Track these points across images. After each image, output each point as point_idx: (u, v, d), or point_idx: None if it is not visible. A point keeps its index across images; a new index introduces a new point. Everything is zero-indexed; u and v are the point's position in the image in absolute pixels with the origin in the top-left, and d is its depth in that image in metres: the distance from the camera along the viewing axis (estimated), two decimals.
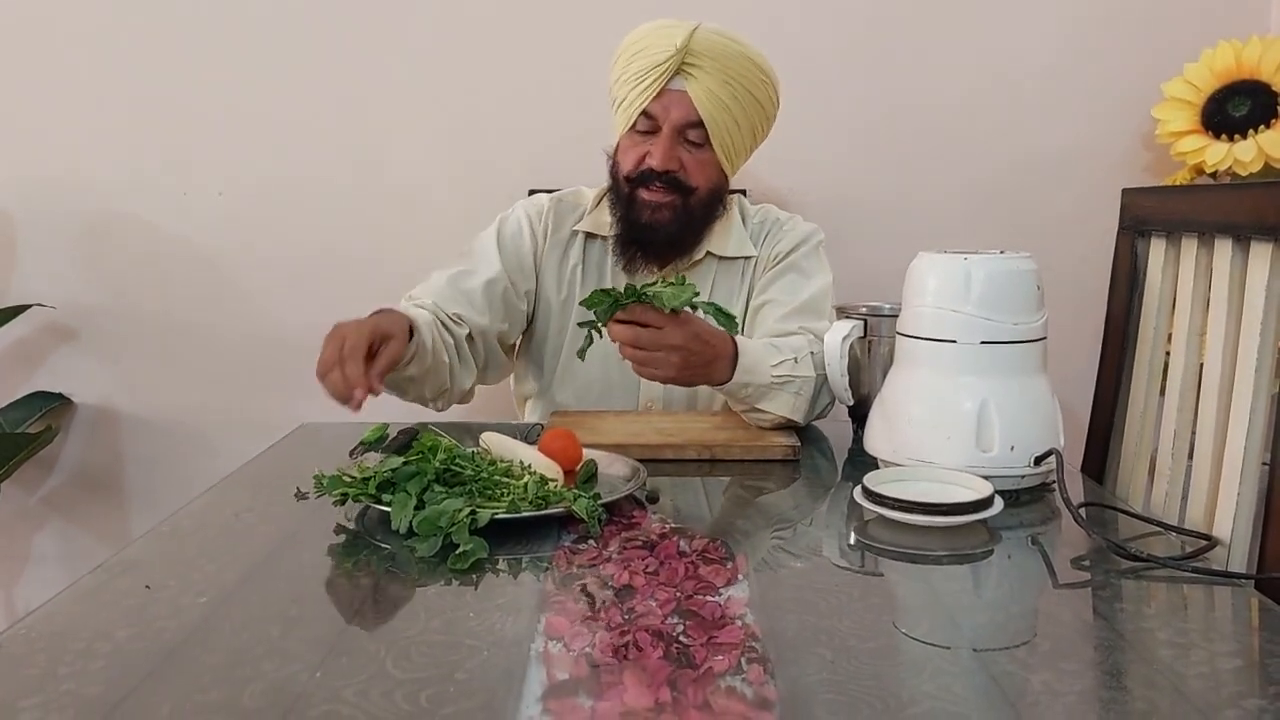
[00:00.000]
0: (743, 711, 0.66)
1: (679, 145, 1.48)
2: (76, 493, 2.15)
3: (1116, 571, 0.93)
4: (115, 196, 2.04)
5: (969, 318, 1.15)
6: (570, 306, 1.60)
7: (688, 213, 1.51)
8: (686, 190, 1.50)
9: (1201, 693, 0.70)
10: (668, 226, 1.50)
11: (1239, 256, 1.20)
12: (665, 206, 1.49)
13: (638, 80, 1.46)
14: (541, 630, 0.79)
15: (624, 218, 1.53)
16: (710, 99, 1.45)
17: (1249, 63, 1.79)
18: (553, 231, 1.61)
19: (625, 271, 1.57)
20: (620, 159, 1.53)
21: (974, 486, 1.06)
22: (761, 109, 1.51)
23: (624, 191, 1.52)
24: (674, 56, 1.42)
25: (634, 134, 1.50)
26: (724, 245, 1.58)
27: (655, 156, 1.47)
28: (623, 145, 1.53)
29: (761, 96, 1.49)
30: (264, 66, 2.00)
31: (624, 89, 1.48)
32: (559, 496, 1.04)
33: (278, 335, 2.08)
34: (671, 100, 1.46)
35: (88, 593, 0.88)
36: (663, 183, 1.48)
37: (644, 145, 1.49)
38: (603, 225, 1.59)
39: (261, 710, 0.67)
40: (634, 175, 1.50)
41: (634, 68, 1.46)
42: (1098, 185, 1.93)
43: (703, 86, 1.44)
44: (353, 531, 1.03)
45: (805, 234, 1.62)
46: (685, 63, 1.43)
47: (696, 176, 1.50)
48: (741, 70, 1.46)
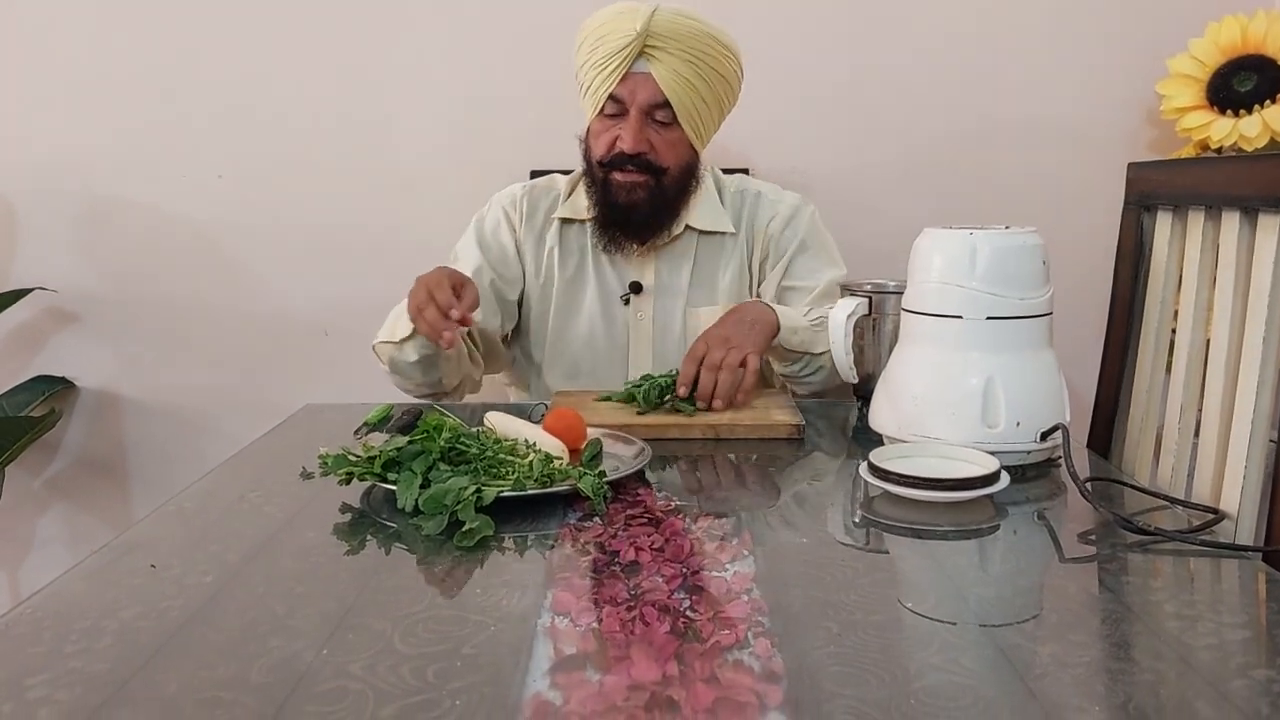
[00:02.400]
0: (750, 684, 0.66)
1: (648, 126, 1.51)
2: (80, 476, 2.15)
3: (1123, 545, 0.93)
4: (116, 180, 2.04)
5: (974, 293, 1.14)
6: (549, 290, 1.64)
7: (661, 191, 1.54)
8: (658, 170, 1.53)
9: (1209, 664, 0.69)
10: (643, 207, 1.53)
11: (1246, 230, 1.19)
12: (640, 187, 1.52)
13: (602, 65, 1.48)
14: (548, 606, 0.79)
15: (601, 201, 1.56)
16: (675, 79, 1.47)
17: (1254, 37, 1.78)
18: (528, 218, 1.65)
19: (606, 251, 1.61)
20: (592, 143, 1.56)
21: (980, 462, 1.06)
22: (726, 82, 1.53)
23: (598, 176, 1.55)
24: (635, 40, 1.44)
25: (603, 118, 1.52)
26: (702, 219, 1.62)
27: (625, 140, 1.50)
28: (593, 130, 1.56)
29: (725, 71, 1.51)
30: (264, 49, 1.99)
31: (589, 74, 1.50)
32: (564, 474, 1.04)
33: (280, 317, 2.08)
34: (637, 83, 1.48)
35: (93, 572, 0.88)
36: (635, 165, 1.51)
37: (614, 129, 1.52)
38: (580, 210, 1.62)
39: (269, 686, 0.67)
40: (606, 159, 1.53)
41: (597, 54, 1.48)
42: (1102, 161, 1.92)
43: (666, 67, 1.46)
44: (358, 510, 1.03)
45: (795, 206, 1.66)
46: (647, 45, 1.45)
47: (667, 156, 1.53)
48: (703, 47, 1.47)
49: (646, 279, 1.62)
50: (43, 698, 0.66)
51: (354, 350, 2.09)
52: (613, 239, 1.59)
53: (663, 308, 1.62)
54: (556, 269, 1.63)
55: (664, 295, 1.62)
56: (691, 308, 1.62)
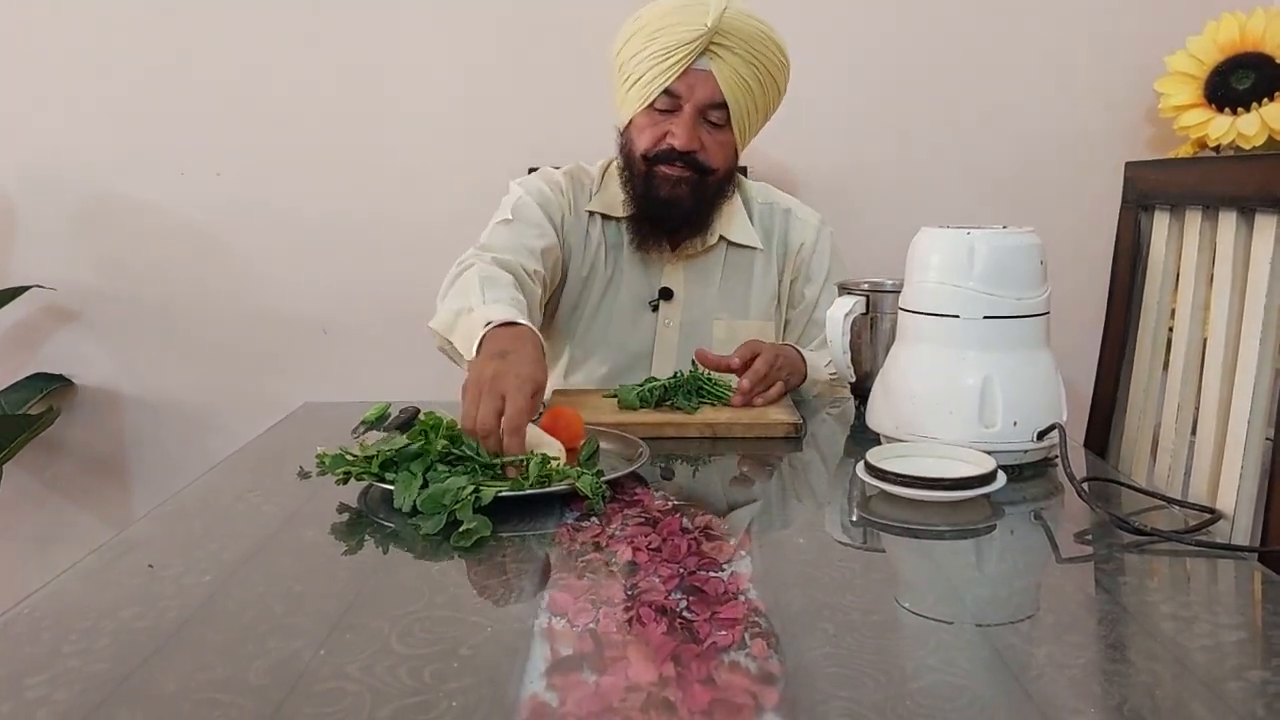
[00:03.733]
0: (746, 685, 0.66)
1: (699, 125, 1.47)
2: (79, 474, 2.15)
3: (1120, 545, 0.93)
4: (114, 177, 2.04)
5: (972, 293, 1.14)
6: (591, 284, 1.58)
7: (704, 190, 1.50)
8: (705, 170, 1.49)
9: (1205, 665, 0.70)
10: (685, 202, 1.49)
11: (1243, 229, 1.19)
12: (684, 182, 1.48)
13: (662, 57, 1.42)
14: (545, 606, 0.79)
15: (641, 195, 1.51)
16: (736, 81, 1.44)
17: (1253, 35, 1.78)
18: (573, 207, 1.59)
19: (640, 250, 1.57)
20: (635, 136, 1.50)
21: (977, 462, 1.06)
22: (778, 90, 1.51)
23: (640, 168, 1.50)
24: (704, 35, 1.40)
25: (652, 111, 1.47)
26: (735, 231, 1.59)
27: (678, 136, 1.45)
28: (638, 122, 1.50)
29: (780, 78, 1.49)
30: (262, 46, 1.99)
31: (643, 65, 1.44)
32: (562, 475, 1.04)
33: (279, 315, 2.08)
34: (696, 80, 1.44)
35: (92, 572, 0.89)
36: (683, 162, 1.47)
37: (664, 124, 1.47)
38: (614, 205, 1.57)
39: (266, 687, 0.67)
40: (652, 153, 1.48)
41: (657, 44, 1.42)
42: (1100, 160, 1.92)
43: (729, 67, 1.43)
44: (355, 510, 1.03)
45: (819, 227, 1.65)
46: (713, 42, 1.41)
47: (716, 158, 1.49)
48: (766, 53, 1.45)
49: (677, 287, 1.59)
50: (41, 697, 0.66)
51: (353, 347, 2.09)
52: (648, 236, 1.54)
53: (691, 317, 1.59)
54: (600, 265, 1.58)
55: (693, 305, 1.59)
56: (718, 320, 1.59)
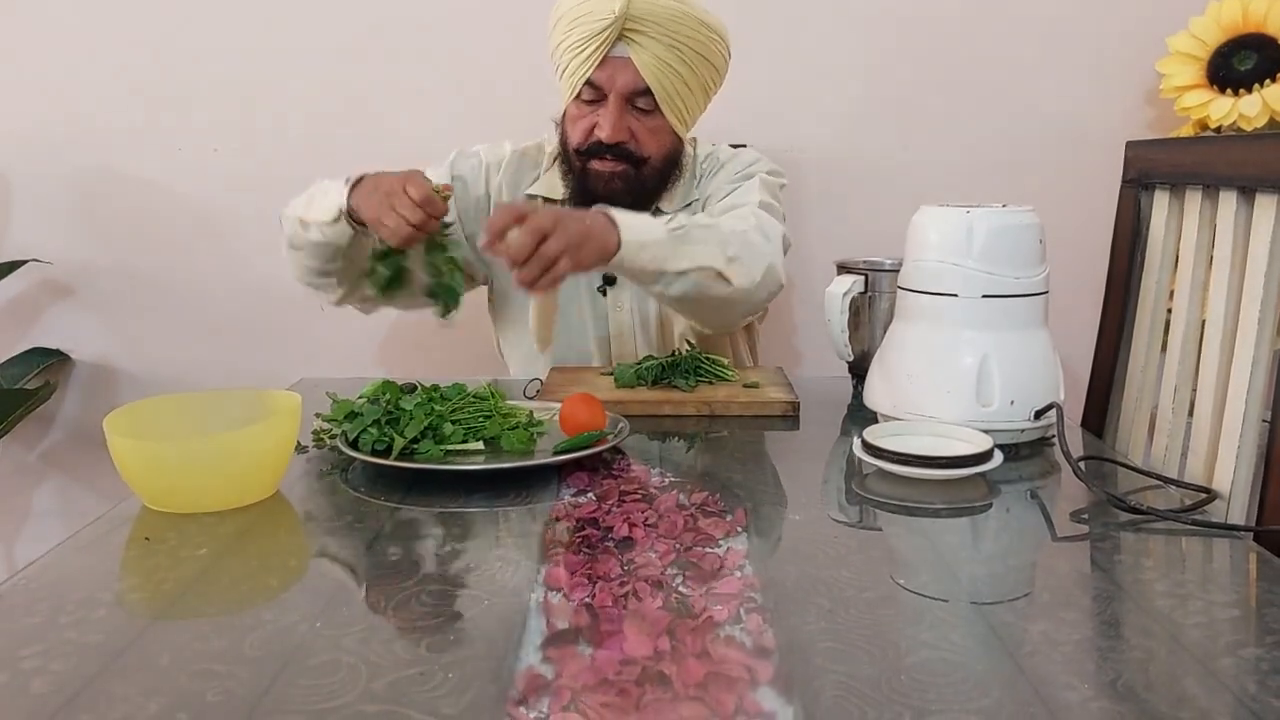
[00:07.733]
0: (741, 659, 0.66)
1: (628, 114, 1.42)
2: (75, 448, 2.15)
3: (1115, 524, 0.93)
4: (111, 152, 2.02)
5: (971, 271, 1.14)
6: None
7: (641, 182, 1.45)
8: (638, 160, 1.44)
9: (1199, 642, 0.70)
10: (621, 198, 1.40)
11: (1243, 209, 1.19)
12: (618, 177, 1.43)
13: (580, 48, 1.38)
14: (541, 581, 0.79)
15: (577, 190, 1.47)
16: (657, 65, 1.38)
17: (1255, 15, 1.77)
18: (508, 188, 1.55)
19: None
20: (569, 129, 1.46)
21: (973, 440, 1.06)
22: (711, 66, 1.44)
23: (575, 164, 1.46)
24: (614, 23, 1.34)
25: (580, 103, 1.43)
26: (672, 202, 1.52)
27: (604, 128, 1.40)
28: (570, 115, 1.46)
29: (710, 54, 1.42)
30: (262, 21, 1.97)
31: (566, 56, 1.41)
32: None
33: (275, 290, 2.07)
34: (616, 68, 1.38)
35: (88, 545, 0.89)
36: (614, 154, 1.42)
37: (591, 115, 1.43)
38: (556, 189, 1.53)
39: (262, 659, 0.67)
40: (584, 147, 1.44)
41: (574, 35, 1.38)
42: (1100, 139, 1.91)
43: (648, 53, 1.37)
44: (352, 485, 1.03)
45: (747, 162, 1.54)
46: (626, 29, 1.35)
47: (649, 145, 1.44)
48: (687, 32, 1.38)
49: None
50: (37, 668, 0.66)
51: (350, 324, 2.07)
52: None
53: (640, 297, 1.54)
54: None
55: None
56: None
